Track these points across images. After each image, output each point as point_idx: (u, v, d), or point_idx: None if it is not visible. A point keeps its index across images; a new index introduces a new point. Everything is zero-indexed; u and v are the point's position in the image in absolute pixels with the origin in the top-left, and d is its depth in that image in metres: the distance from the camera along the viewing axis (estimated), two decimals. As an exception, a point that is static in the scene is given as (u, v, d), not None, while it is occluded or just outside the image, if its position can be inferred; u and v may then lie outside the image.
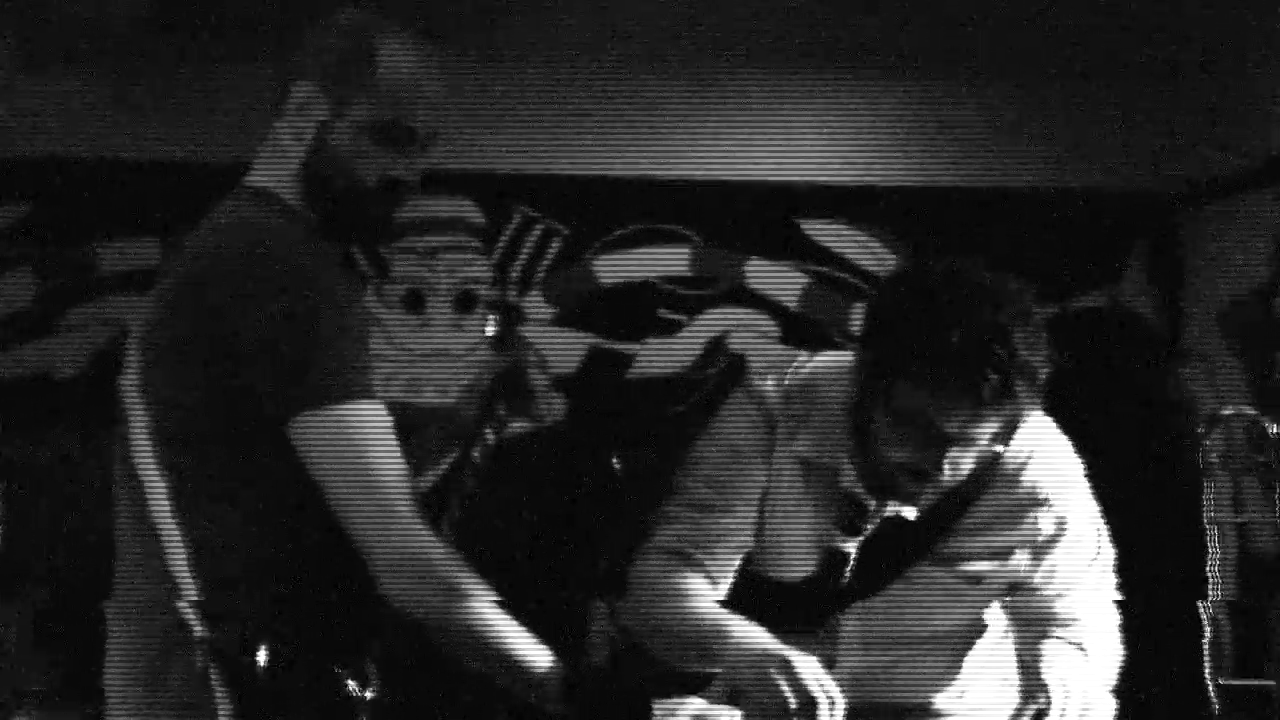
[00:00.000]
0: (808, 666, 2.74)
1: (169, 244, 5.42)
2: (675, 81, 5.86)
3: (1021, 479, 3.02)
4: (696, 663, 2.93)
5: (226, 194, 2.77)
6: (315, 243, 2.69)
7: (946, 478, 2.86)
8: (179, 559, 2.60)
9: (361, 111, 2.69)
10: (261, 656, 2.45)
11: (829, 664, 2.84)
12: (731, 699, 3.00)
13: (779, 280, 5.90)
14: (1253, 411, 3.48)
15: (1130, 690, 3.14)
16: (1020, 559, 3.05)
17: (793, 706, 2.69)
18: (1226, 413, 3.53)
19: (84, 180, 5.52)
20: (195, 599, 2.56)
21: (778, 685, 2.72)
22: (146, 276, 5.45)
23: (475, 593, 2.57)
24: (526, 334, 3.01)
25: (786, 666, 2.73)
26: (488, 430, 2.88)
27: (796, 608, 2.97)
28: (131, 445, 2.67)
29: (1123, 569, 3.19)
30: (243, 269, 2.59)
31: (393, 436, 2.59)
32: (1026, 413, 2.87)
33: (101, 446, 2.83)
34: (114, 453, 2.74)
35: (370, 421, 2.57)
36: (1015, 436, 2.95)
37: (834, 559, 2.93)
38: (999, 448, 2.93)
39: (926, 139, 5.93)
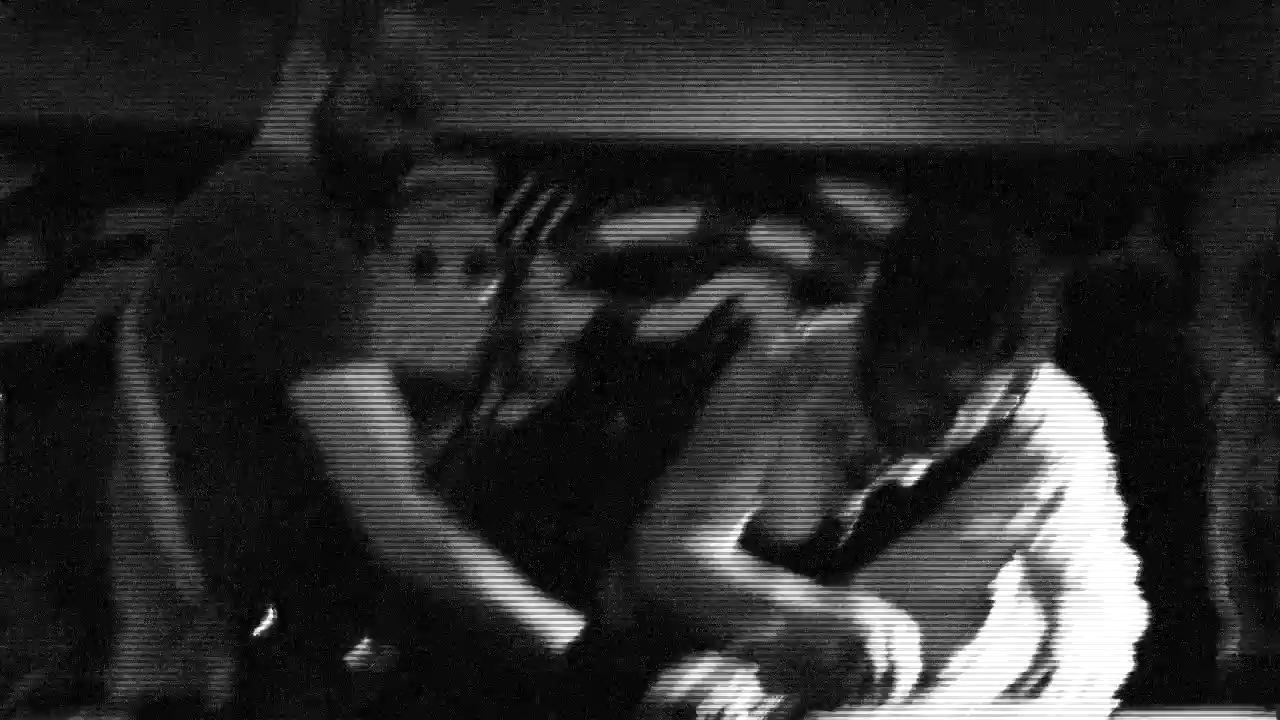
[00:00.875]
0: (873, 615, 2.78)
1: (173, 209, 5.42)
2: (683, 44, 5.86)
3: (1033, 439, 3.00)
4: (739, 625, 2.92)
5: (231, 157, 2.75)
6: (316, 206, 2.66)
7: (956, 433, 2.85)
8: (175, 527, 2.60)
9: (365, 77, 2.67)
10: (262, 626, 2.45)
11: None
12: (746, 655, 2.99)
13: (787, 241, 5.90)
14: (1264, 374, 3.49)
15: (1142, 654, 3.12)
16: (1025, 518, 3.04)
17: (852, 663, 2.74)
18: (1237, 378, 3.53)
19: (90, 145, 5.53)
20: (193, 567, 2.57)
21: (833, 636, 2.77)
22: (152, 242, 5.46)
23: (475, 558, 2.55)
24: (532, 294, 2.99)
25: (850, 616, 2.78)
26: (487, 396, 2.87)
27: (800, 570, 2.95)
28: (130, 410, 2.68)
29: (1136, 529, 3.18)
30: (239, 234, 2.57)
31: (392, 399, 2.57)
32: (1036, 366, 2.86)
33: (108, 412, 2.83)
34: (114, 416, 2.75)
35: (369, 384, 2.55)
36: (1031, 395, 2.93)
37: (837, 521, 2.94)
38: (1011, 405, 2.91)
39: (936, 99, 5.93)
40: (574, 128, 5.73)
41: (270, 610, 2.48)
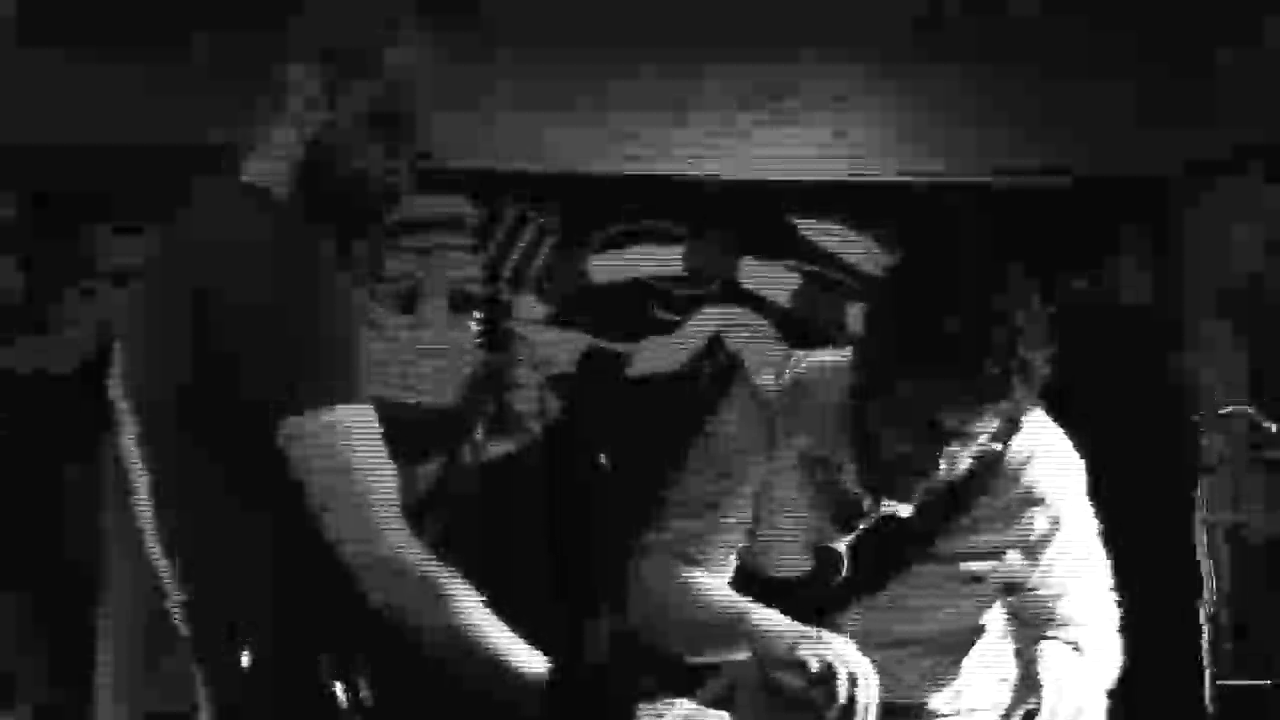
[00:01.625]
0: (835, 642, 2.80)
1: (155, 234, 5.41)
2: (667, 78, 5.86)
3: (1021, 478, 3.02)
4: (718, 649, 2.96)
5: (214, 181, 2.75)
6: (305, 241, 2.64)
7: (943, 474, 2.86)
8: (164, 559, 2.60)
9: (362, 100, 2.65)
10: (244, 659, 2.45)
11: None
12: (721, 702, 3.01)
13: (772, 279, 5.91)
14: (1251, 410, 3.49)
15: (1127, 690, 3.14)
16: (1016, 558, 3.05)
17: (841, 676, 2.75)
18: (1226, 411, 3.54)
19: (74, 168, 5.50)
20: (180, 598, 2.57)
21: (803, 654, 2.78)
22: (133, 270, 5.45)
23: (455, 594, 2.55)
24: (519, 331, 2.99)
25: (812, 639, 2.80)
26: (475, 433, 2.87)
27: (792, 606, 2.95)
28: (121, 439, 2.67)
29: (1121, 567, 3.19)
30: (228, 270, 2.55)
31: (376, 440, 2.56)
32: (1026, 409, 2.87)
33: (96, 441, 2.84)
34: (106, 450, 2.74)
35: (355, 425, 2.54)
36: (1016, 436, 2.95)
37: (829, 557, 2.94)
38: (998, 446, 2.93)
39: (917, 134, 5.94)
40: (557, 164, 5.73)
41: (246, 648, 2.47)
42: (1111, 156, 5.88)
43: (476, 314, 2.96)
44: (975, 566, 3.03)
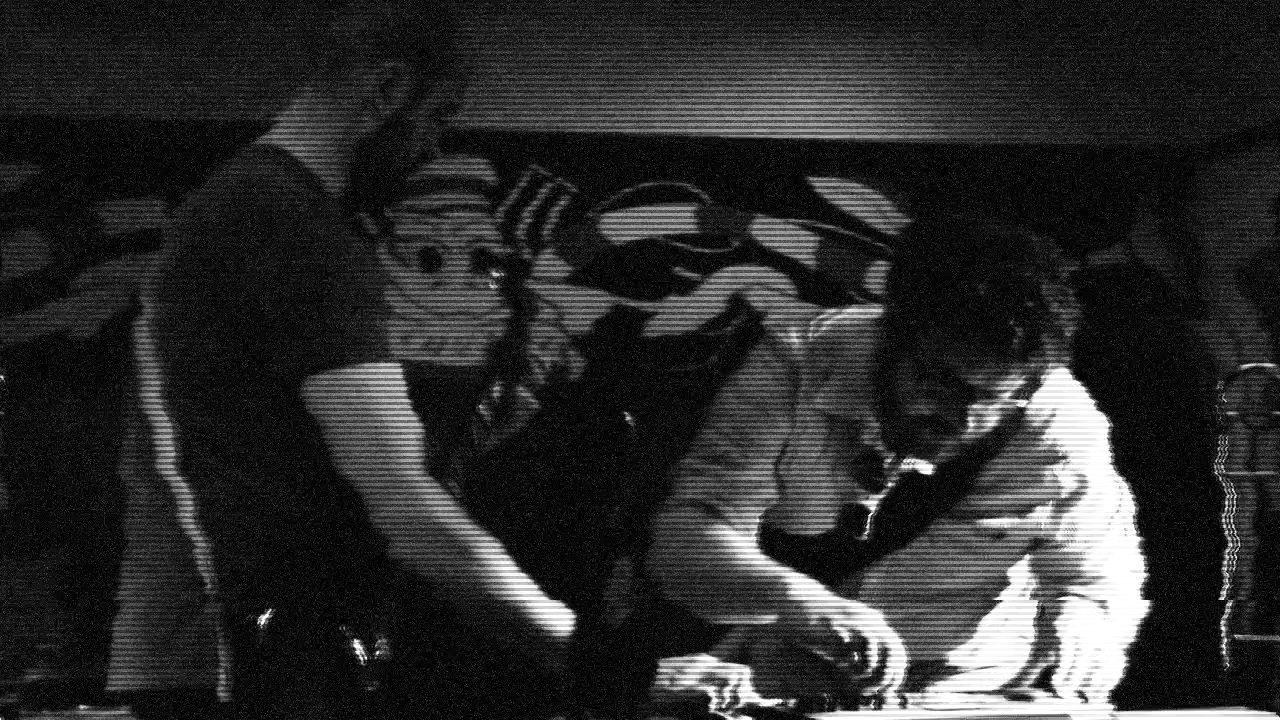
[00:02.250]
0: (866, 614, 2.81)
1: (176, 202, 5.41)
2: (682, 39, 5.85)
3: (1043, 436, 3.02)
4: (746, 611, 2.96)
5: (237, 150, 2.76)
6: (327, 204, 2.67)
7: (969, 431, 2.86)
8: (190, 515, 2.60)
9: (439, 95, 2.72)
10: (264, 618, 2.45)
11: None
12: (742, 656, 3.01)
13: (790, 238, 5.90)
14: (1271, 366, 3.49)
15: (1146, 645, 3.15)
16: (1041, 515, 3.05)
17: (872, 649, 2.76)
18: (1245, 368, 3.53)
19: (91, 140, 5.51)
20: (208, 555, 2.57)
21: (836, 628, 2.78)
22: (154, 237, 5.45)
23: (484, 552, 2.56)
24: (535, 291, 3.00)
25: (845, 612, 2.80)
26: (494, 391, 2.87)
27: (816, 563, 2.96)
28: (144, 398, 2.67)
29: (1142, 526, 3.19)
30: (257, 229, 2.58)
31: (404, 397, 2.58)
32: (1052, 368, 2.87)
33: (118, 406, 2.83)
34: (124, 406, 2.74)
35: (382, 383, 2.57)
36: (1039, 393, 2.94)
37: (853, 515, 2.95)
38: (1022, 403, 2.92)
39: (937, 95, 5.93)
40: (571, 124, 5.72)
41: (267, 609, 2.48)
42: (1132, 126, 5.88)
43: (495, 273, 2.96)
44: (998, 523, 3.03)
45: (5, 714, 4.40)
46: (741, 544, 3.00)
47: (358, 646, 2.49)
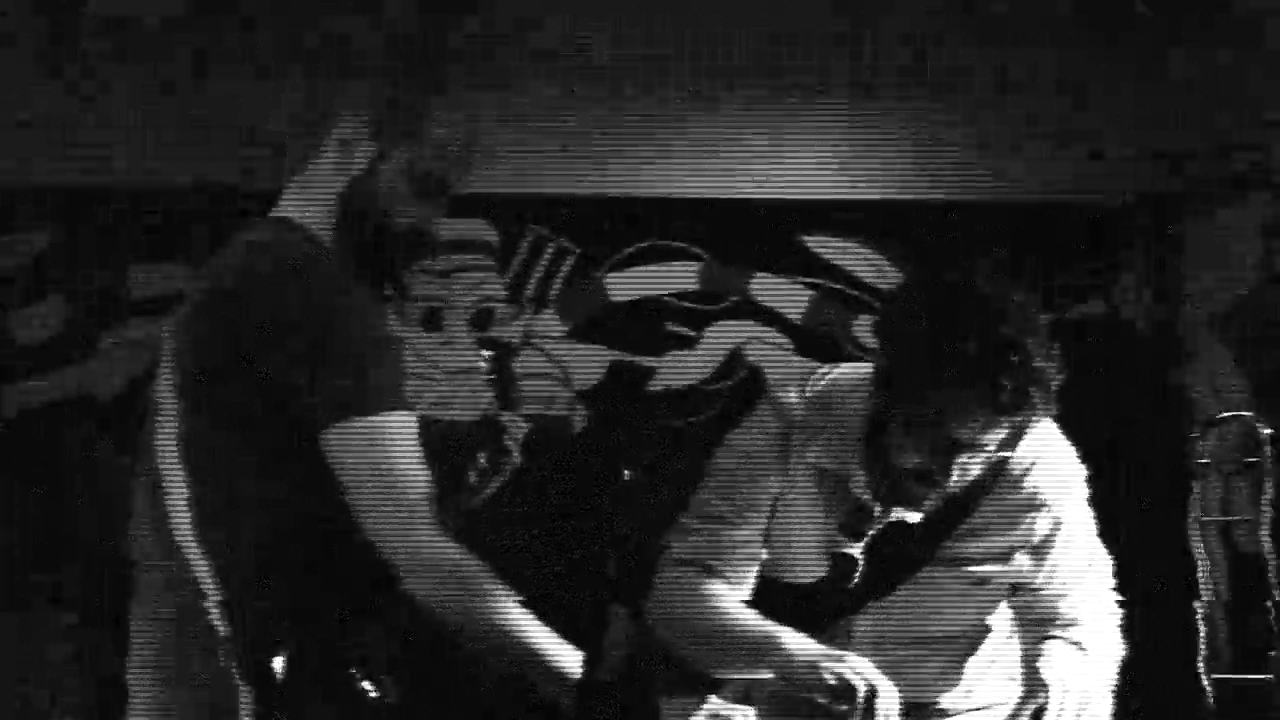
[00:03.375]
0: (856, 662, 2.80)
1: (196, 267, 5.43)
2: (681, 105, 5.87)
3: (1024, 483, 3.02)
4: (742, 666, 2.96)
5: (251, 220, 2.79)
6: (331, 263, 2.70)
7: (955, 483, 2.87)
8: (203, 561, 2.60)
9: (405, 158, 2.73)
10: (279, 661, 2.46)
11: None
12: (745, 699, 3.01)
13: (785, 294, 5.90)
14: (1248, 414, 3.48)
15: (1129, 686, 3.14)
16: (1021, 560, 3.05)
17: (860, 692, 2.76)
18: (1222, 416, 3.52)
19: (111, 206, 5.52)
20: (220, 600, 2.57)
21: (832, 677, 2.78)
22: (175, 300, 5.46)
23: (495, 593, 2.59)
24: (541, 348, 3.01)
25: (836, 660, 2.80)
26: (480, 458, 2.89)
27: (807, 610, 2.97)
28: (162, 450, 2.68)
29: (1121, 569, 3.19)
30: (275, 287, 2.61)
31: (416, 445, 2.61)
32: (1038, 419, 2.88)
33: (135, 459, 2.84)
34: (138, 458, 2.74)
35: (397, 431, 2.59)
36: (1021, 441, 2.94)
37: (842, 563, 2.95)
38: (1005, 453, 2.92)
39: (925, 156, 5.94)
40: (572, 188, 5.74)
41: (281, 650, 2.48)
42: (1113, 180, 5.89)
43: (485, 352, 2.99)
44: (981, 569, 3.02)
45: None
46: (734, 602, 2.99)
47: (368, 687, 2.49)
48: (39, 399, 5.47)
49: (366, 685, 2.49)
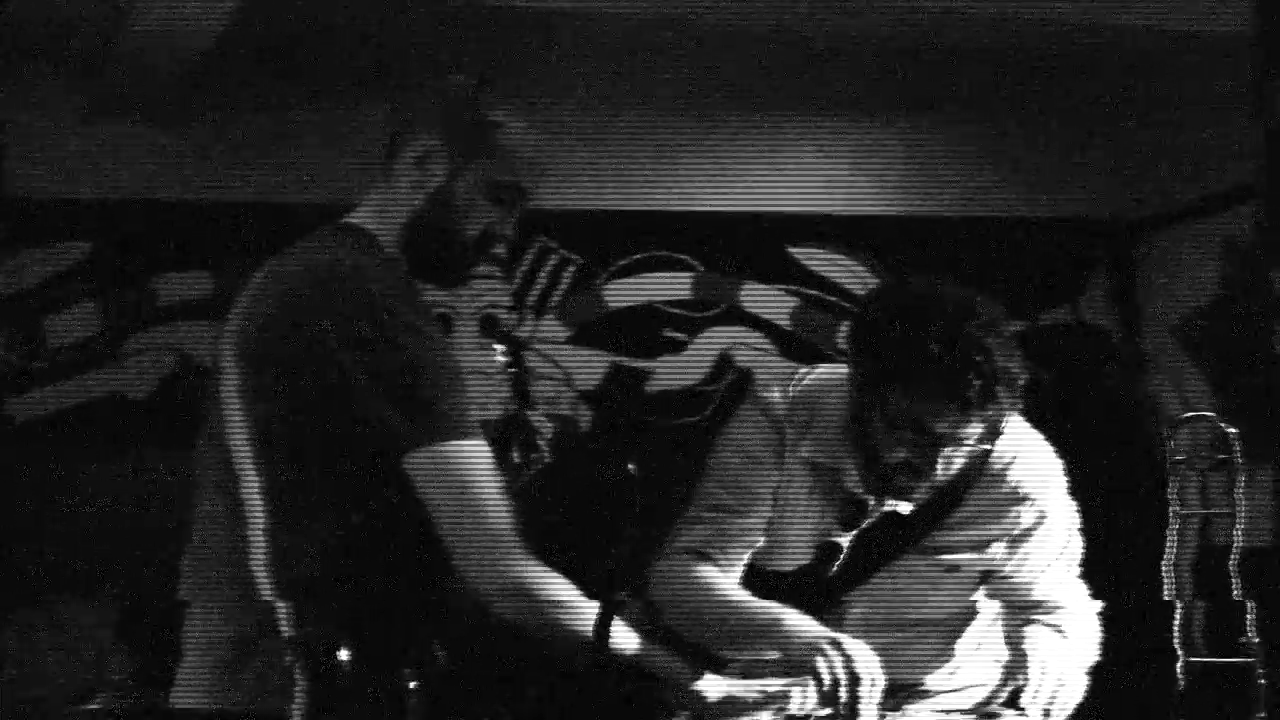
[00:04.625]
0: (857, 648, 2.79)
1: (224, 275, 5.44)
2: (677, 123, 5.88)
3: (1006, 478, 3.02)
4: (743, 645, 2.96)
5: (321, 227, 2.75)
6: (410, 286, 2.67)
7: (939, 475, 2.88)
8: (268, 563, 2.57)
9: (481, 171, 2.70)
10: (343, 655, 2.41)
11: None
12: (744, 674, 2.99)
13: (772, 302, 5.92)
14: (1211, 414, 3.50)
15: (1105, 668, 3.13)
16: (997, 550, 3.05)
17: (843, 681, 2.75)
18: (1187, 417, 3.54)
19: (141, 219, 5.52)
20: (282, 600, 2.51)
21: (831, 661, 2.77)
22: (200, 306, 5.46)
23: (574, 605, 2.58)
24: (544, 352, 3.00)
25: (838, 646, 2.78)
26: (513, 454, 2.87)
27: (792, 596, 2.96)
28: (232, 449, 2.62)
29: (1098, 559, 3.19)
30: (355, 307, 2.55)
31: (494, 470, 2.59)
32: (1008, 414, 2.89)
33: (172, 459, 2.82)
34: (200, 455, 2.70)
35: (478, 458, 2.56)
36: (1000, 439, 2.96)
37: (827, 552, 2.94)
38: (986, 446, 2.93)
39: (903, 174, 5.97)
40: (576, 201, 5.74)
41: (343, 647, 2.45)
42: (1081, 199, 5.92)
43: (499, 346, 2.98)
44: (962, 558, 3.03)
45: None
46: (728, 584, 3.00)
47: (413, 685, 2.45)
48: (72, 400, 5.46)
49: (413, 685, 2.45)
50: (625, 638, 2.63)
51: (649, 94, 5.79)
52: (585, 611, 2.56)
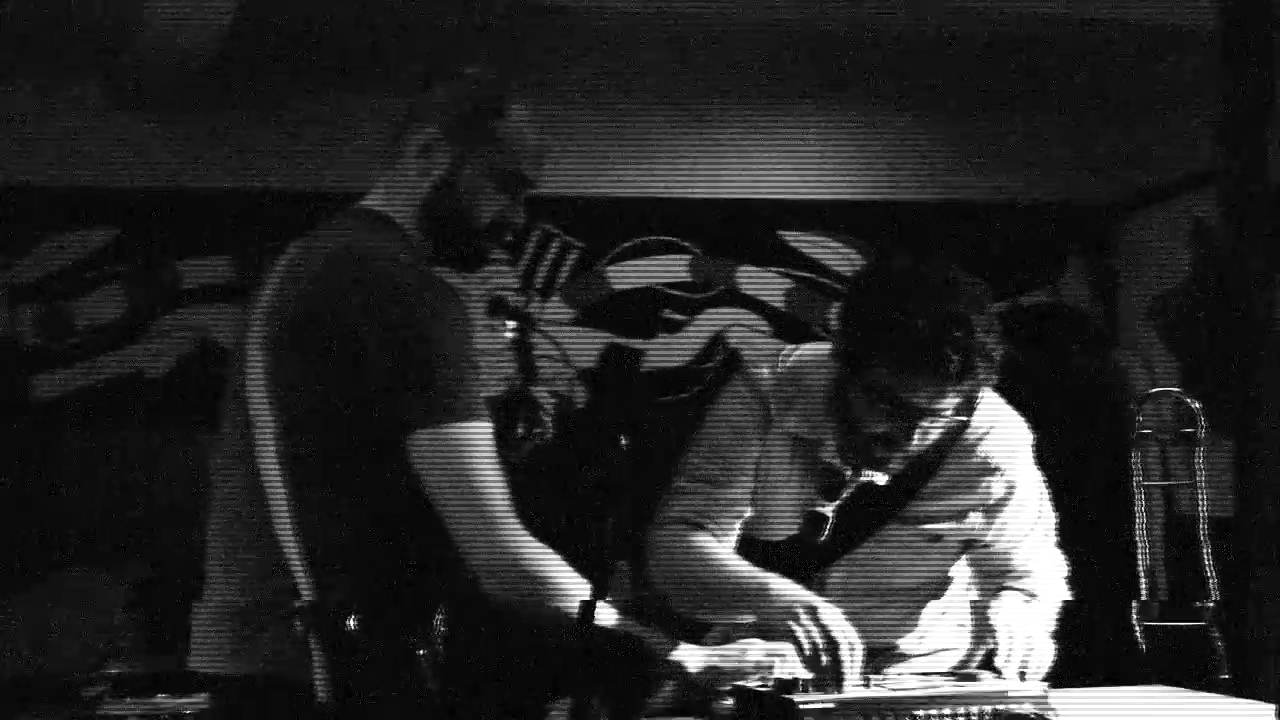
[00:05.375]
0: (831, 614, 2.81)
1: (245, 259, 5.46)
2: (675, 114, 5.89)
3: (978, 449, 3.04)
4: (731, 611, 2.98)
5: (341, 211, 2.74)
6: (428, 268, 2.66)
7: (915, 445, 2.89)
8: (288, 533, 2.55)
9: (486, 160, 2.69)
10: (352, 622, 2.44)
11: None
12: (726, 639, 3.01)
13: (766, 283, 5.92)
14: (1178, 390, 3.50)
15: (1071, 632, 3.15)
16: (975, 519, 3.06)
17: (820, 645, 2.77)
18: (1154, 392, 3.54)
19: (164, 206, 5.54)
20: (301, 569, 2.54)
21: (807, 627, 2.79)
22: (220, 290, 5.49)
23: (566, 587, 2.56)
24: (547, 333, 3.01)
25: (814, 612, 2.80)
26: (518, 430, 2.88)
27: (782, 565, 2.97)
28: (256, 423, 2.61)
29: (1066, 527, 3.20)
30: (374, 291, 2.54)
31: (495, 452, 2.56)
32: (984, 387, 2.91)
33: (187, 435, 2.82)
34: (223, 431, 2.69)
35: (478, 440, 2.54)
36: (976, 413, 2.98)
37: (814, 521, 2.94)
38: (962, 419, 2.95)
39: (889, 161, 5.97)
40: (581, 187, 5.75)
41: (354, 614, 2.45)
42: (1060, 184, 5.92)
43: (510, 322, 2.98)
44: (939, 527, 3.04)
45: (92, 704, 4.40)
46: (723, 551, 3.01)
47: (423, 652, 2.46)
48: (99, 377, 5.50)
49: (422, 651, 2.46)
50: (609, 613, 2.60)
51: (649, 87, 5.79)
52: (574, 592, 2.54)
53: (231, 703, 2.63)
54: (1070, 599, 3.18)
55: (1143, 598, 3.27)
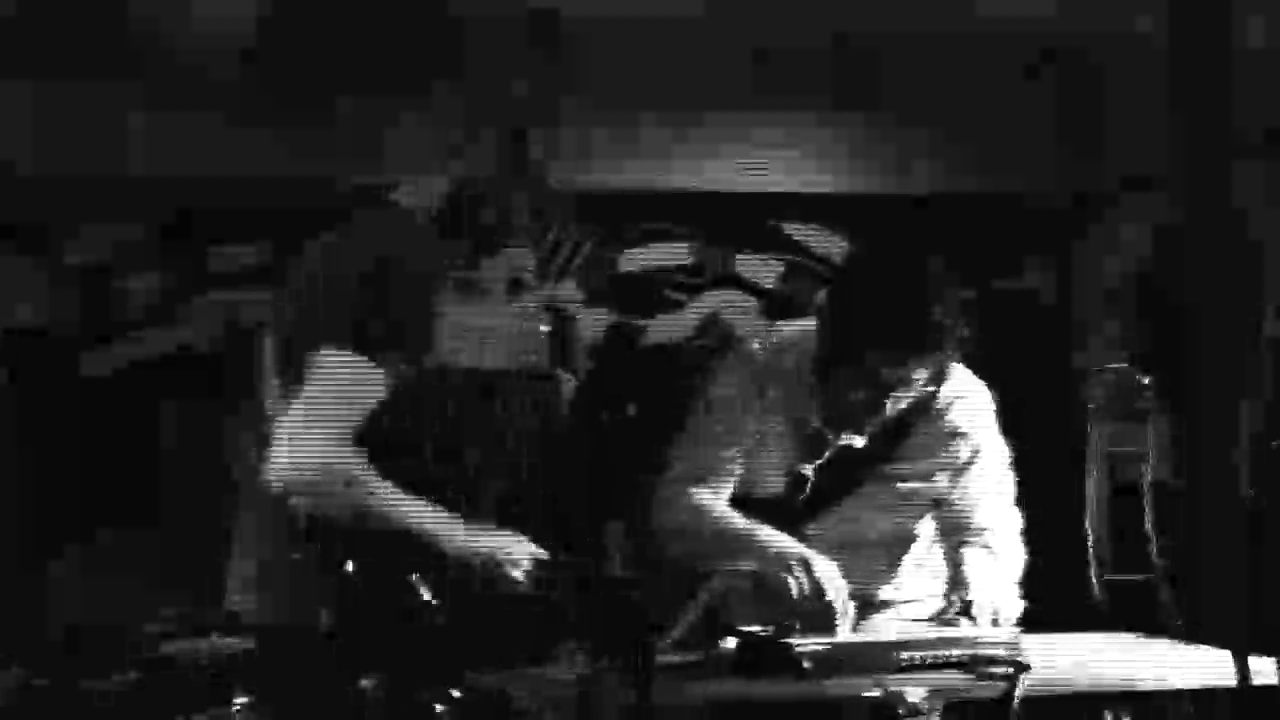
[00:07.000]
0: (824, 564, 2.93)
1: (276, 248, 5.54)
2: (679, 112, 5.95)
3: (947, 416, 3.17)
4: (727, 560, 3.07)
5: (371, 208, 2.83)
6: (439, 252, 2.78)
7: (889, 412, 3.04)
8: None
9: (494, 154, 2.83)
10: (350, 566, 2.53)
11: None
12: (722, 596, 3.13)
13: (760, 268, 6.00)
14: (1126, 366, 3.58)
15: (1031, 584, 3.24)
16: (942, 479, 3.20)
17: (807, 591, 2.90)
18: (1109, 366, 3.61)
19: (198, 194, 5.61)
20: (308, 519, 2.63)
21: (799, 578, 2.91)
22: (250, 274, 5.58)
23: (377, 487, 2.60)
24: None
25: (806, 564, 2.92)
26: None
27: (769, 520, 3.11)
28: (270, 404, 2.70)
29: (1027, 491, 3.32)
30: (390, 286, 2.65)
31: (343, 381, 2.62)
32: (952, 361, 3.05)
33: (228, 407, 2.94)
34: (249, 411, 2.79)
35: (330, 366, 2.62)
36: (945, 384, 3.12)
37: (799, 479, 3.10)
38: (932, 389, 3.09)
39: (875, 156, 6.05)
40: (594, 181, 5.80)
41: (350, 560, 2.53)
42: (1025, 176, 5.99)
43: (545, 315, 3.11)
44: (914, 486, 3.18)
45: (146, 642, 4.49)
46: (722, 505, 3.12)
47: (425, 592, 2.53)
48: (145, 351, 5.60)
49: (424, 591, 2.53)
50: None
51: (655, 85, 5.85)
52: (390, 496, 2.58)
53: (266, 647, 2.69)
54: (1028, 552, 3.28)
55: (1095, 555, 3.36)
